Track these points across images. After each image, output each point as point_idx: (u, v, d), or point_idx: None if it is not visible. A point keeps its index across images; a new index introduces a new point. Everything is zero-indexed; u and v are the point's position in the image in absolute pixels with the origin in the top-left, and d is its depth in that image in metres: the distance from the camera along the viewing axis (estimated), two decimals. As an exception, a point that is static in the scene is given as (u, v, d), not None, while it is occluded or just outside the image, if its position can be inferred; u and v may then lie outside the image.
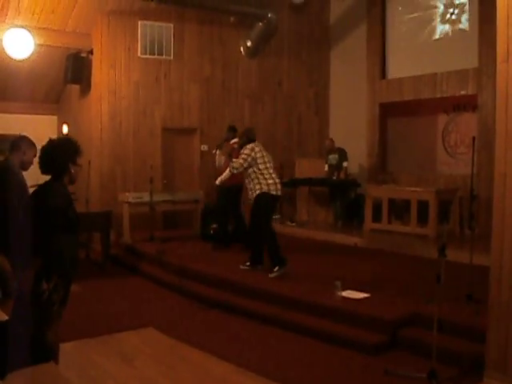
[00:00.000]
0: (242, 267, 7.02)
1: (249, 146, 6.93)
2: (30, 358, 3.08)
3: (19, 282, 3.69)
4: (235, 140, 8.35)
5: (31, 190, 3.95)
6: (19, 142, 4.65)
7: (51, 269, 3.58)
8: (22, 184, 4.19)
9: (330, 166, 10.31)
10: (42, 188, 3.72)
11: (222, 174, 8.33)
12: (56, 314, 3.70)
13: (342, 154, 10.21)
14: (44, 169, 3.72)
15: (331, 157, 10.32)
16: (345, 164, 10.15)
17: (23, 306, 3.58)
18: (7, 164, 4.76)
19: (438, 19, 10.12)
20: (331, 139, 10.50)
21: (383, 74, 11.01)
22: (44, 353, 3.45)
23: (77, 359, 4.75)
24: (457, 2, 9.81)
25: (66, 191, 3.76)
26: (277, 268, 6.66)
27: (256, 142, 7.05)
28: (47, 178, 3.80)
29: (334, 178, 10.18)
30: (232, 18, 10.72)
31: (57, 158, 3.67)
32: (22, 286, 3.61)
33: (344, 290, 5.77)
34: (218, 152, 8.49)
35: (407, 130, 10.64)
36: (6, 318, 3.85)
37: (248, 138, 7.10)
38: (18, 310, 3.66)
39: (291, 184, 10.84)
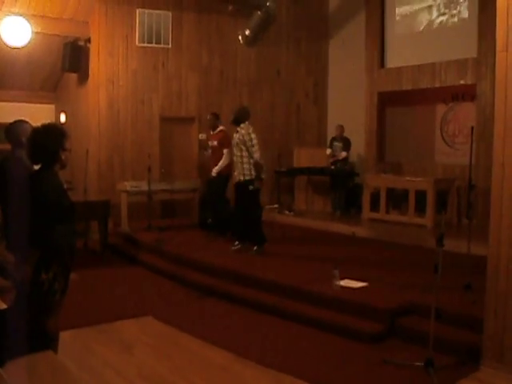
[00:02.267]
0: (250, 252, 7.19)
1: (251, 129, 7.05)
2: (30, 346, 3.09)
3: (18, 272, 3.71)
4: (221, 128, 8.39)
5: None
6: (19, 137, 4.62)
7: (49, 259, 3.58)
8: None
9: (332, 153, 10.29)
10: (33, 178, 3.68)
11: (211, 165, 8.34)
12: (57, 303, 3.71)
13: (346, 144, 10.18)
14: (34, 159, 3.69)
15: (336, 144, 10.31)
16: (343, 154, 10.13)
17: (22, 296, 3.59)
18: (13, 157, 4.75)
19: (437, 8, 10.07)
20: (341, 126, 10.44)
21: (382, 63, 10.97)
22: (44, 342, 3.46)
23: (76, 348, 4.77)
24: (456, -9, 9.77)
25: (58, 180, 3.73)
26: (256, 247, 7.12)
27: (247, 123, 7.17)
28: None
29: (332, 167, 10.18)
30: (230, 7, 10.65)
31: (46, 147, 3.63)
32: (21, 277, 3.61)
33: (342, 279, 5.78)
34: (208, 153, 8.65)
35: (406, 120, 10.63)
36: (5, 306, 3.87)
37: (236, 118, 7.25)
38: (18, 300, 3.67)
39: (289, 173, 10.85)
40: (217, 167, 8.28)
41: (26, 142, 3.77)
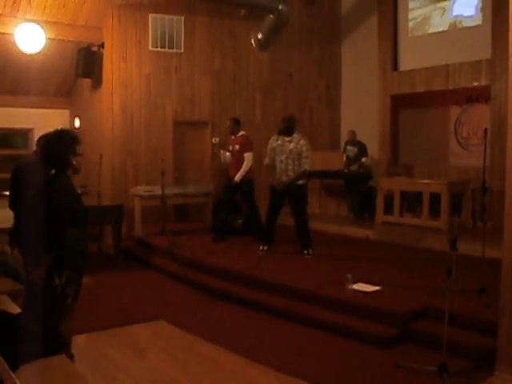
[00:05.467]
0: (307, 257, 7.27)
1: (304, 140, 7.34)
2: (43, 350, 3.11)
3: (31, 277, 3.73)
4: (242, 133, 8.37)
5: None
6: (39, 140, 4.68)
7: (62, 263, 3.61)
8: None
9: (346, 158, 10.27)
10: (47, 183, 3.72)
11: (231, 169, 8.33)
12: (69, 307, 3.73)
13: (362, 149, 10.13)
14: (47, 165, 3.73)
15: (349, 148, 10.28)
16: (363, 160, 10.08)
17: (35, 301, 3.62)
18: (29, 163, 4.80)
19: (451, 10, 10.01)
20: (353, 131, 10.42)
21: (395, 66, 10.92)
22: (56, 346, 3.48)
23: (88, 351, 4.79)
24: (470, -8, 9.70)
25: (71, 185, 3.76)
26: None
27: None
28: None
29: (346, 170, 10.14)
30: (243, 11, 10.68)
31: (56, 153, 3.66)
32: (34, 281, 3.64)
33: (355, 282, 5.75)
34: (222, 151, 8.61)
35: (419, 122, 10.57)
36: (18, 310, 3.90)
37: (290, 127, 7.36)
38: (30, 304, 3.70)
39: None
40: (240, 172, 8.18)
41: (40, 148, 3.82)
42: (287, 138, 7.24)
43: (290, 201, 7.34)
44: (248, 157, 8.20)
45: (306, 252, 7.27)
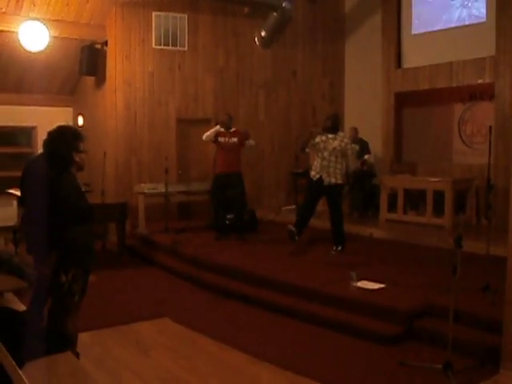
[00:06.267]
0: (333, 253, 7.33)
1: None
2: (49, 348, 3.12)
3: (37, 274, 3.74)
4: (234, 128, 8.45)
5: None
6: None
7: (68, 260, 3.61)
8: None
9: None
10: (52, 181, 3.72)
11: (229, 163, 8.35)
12: (75, 304, 3.74)
13: (364, 147, 10.12)
14: (51, 163, 3.72)
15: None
16: (366, 157, 10.07)
17: (41, 298, 3.63)
18: (37, 160, 4.81)
19: (455, 7, 9.99)
20: (355, 128, 10.41)
21: (398, 64, 10.90)
22: (62, 343, 3.49)
23: (94, 349, 4.80)
24: (474, -10, 9.68)
25: (75, 182, 3.76)
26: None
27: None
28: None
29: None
30: (246, 8, 10.68)
31: (60, 150, 3.66)
32: (41, 279, 3.65)
33: (359, 280, 5.76)
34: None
35: (423, 120, 10.55)
36: (24, 308, 3.92)
37: (335, 125, 7.38)
38: (36, 302, 3.71)
39: (307, 174, 10.79)
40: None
41: (43, 146, 3.82)
42: (331, 136, 7.26)
43: (328, 198, 7.42)
44: (252, 141, 8.52)
45: (335, 248, 7.37)
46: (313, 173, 7.36)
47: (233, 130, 8.51)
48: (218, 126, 8.50)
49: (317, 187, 7.29)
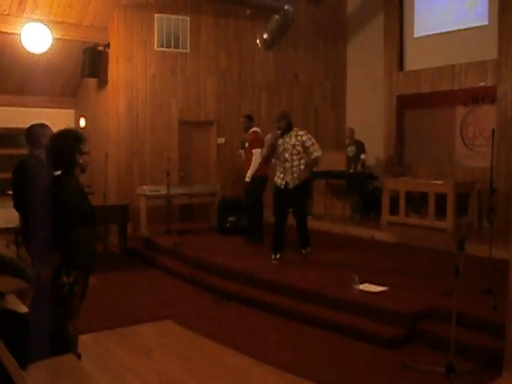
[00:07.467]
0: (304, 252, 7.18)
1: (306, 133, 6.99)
2: (51, 349, 3.11)
3: (38, 276, 3.74)
4: (254, 129, 8.32)
5: None
6: (40, 138, 4.68)
7: (70, 262, 3.61)
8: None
9: (347, 158, 10.28)
10: (54, 183, 3.72)
11: (245, 167, 8.27)
12: (76, 306, 3.73)
13: (360, 147, 10.15)
14: (54, 165, 3.72)
15: (349, 149, 10.29)
16: (362, 156, 10.10)
17: (43, 300, 3.62)
18: (31, 157, 4.80)
19: (457, 10, 9.98)
20: (351, 129, 10.42)
21: (401, 66, 10.91)
22: (64, 345, 3.48)
23: (96, 351, 4.79)
24: (476, -7, 9.68)
25: (79, 184, 3.76)
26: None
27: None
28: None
29: (351, 170, 10.14)
30: (248, 11, 10.69)
31: (63, 152, 3.66)
32: (42, 280, 3.64)
33: (362, 283, 5.75)
34: (240, 150, 8.58)
35: (425, 123, 10.55)
36: (26, 310, 3.91)
37: (289, 123, 6.96)
38: (38, 303, 3.70)
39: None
40: (250, 170, 8.09)
41: (46, 150, 3.81)
42: (287, 135, 6.91)
43: (294, 201, 6.97)
44: (256, 153, 8.00)
45: (304, 252, 7.16)
46: (278, 180, 6.95)
47: (251, 131, 8.35)
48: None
49: (284, 194, 6.89)
